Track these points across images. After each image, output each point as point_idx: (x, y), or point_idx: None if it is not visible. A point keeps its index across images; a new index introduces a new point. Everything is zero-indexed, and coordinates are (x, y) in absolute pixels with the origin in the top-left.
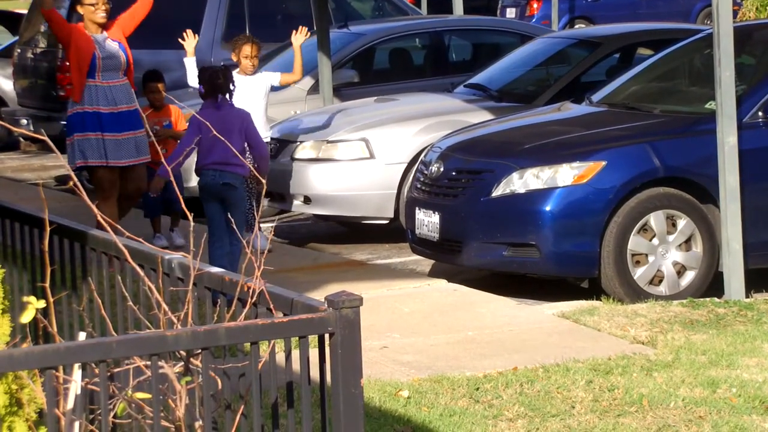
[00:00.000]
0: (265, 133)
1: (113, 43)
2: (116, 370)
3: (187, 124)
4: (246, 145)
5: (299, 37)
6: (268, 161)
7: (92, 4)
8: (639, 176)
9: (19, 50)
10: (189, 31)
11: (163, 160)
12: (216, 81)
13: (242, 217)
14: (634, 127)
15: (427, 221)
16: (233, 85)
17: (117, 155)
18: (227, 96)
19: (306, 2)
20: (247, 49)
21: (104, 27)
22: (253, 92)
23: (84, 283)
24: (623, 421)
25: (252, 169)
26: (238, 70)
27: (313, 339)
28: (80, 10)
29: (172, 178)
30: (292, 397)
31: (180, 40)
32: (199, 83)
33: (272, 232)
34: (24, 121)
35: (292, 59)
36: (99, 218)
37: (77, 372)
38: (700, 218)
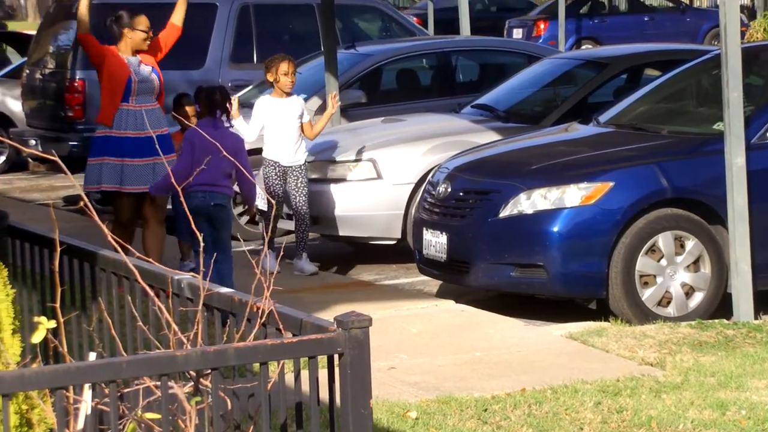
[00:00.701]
0: (302, 156)
1: (146, 66)
2: (126, 390)
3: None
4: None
5: (333, 105)
6: (254, 190)
7: (145, 31)
8: (647, 197)
9: (27, 71)
10: (234, 98)
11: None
12: (213, 97)
13: (229, 235)
14: (642, 148)
15: (435, 242)
16: (230, 104)
17: (133, 181)
18: (224, 115)
19: (313, 22)
20: (284, 67)
21: (137, 50)
22: (287, 114)
23: (94, 303)
24: None
25: (264, 190)
26: (271, 93)
27: (322, 359)
28: (128, 33)
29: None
30: (301, 418)
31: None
32: (195, 101)
33: (281, 253)
34: (32, 142)
35: (300, 81)
36: (110, 239)
37: (87, 392)
38: (708, 239)
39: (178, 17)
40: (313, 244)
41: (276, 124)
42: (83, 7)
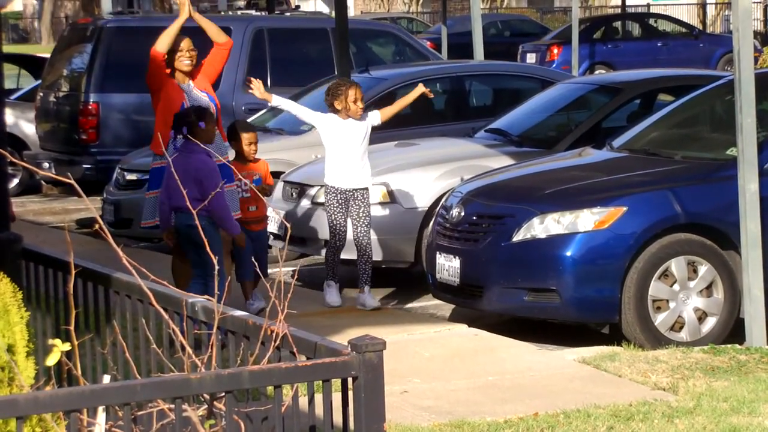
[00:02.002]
0: (367, 180)
1: (201, 93)
2: (140, 413)
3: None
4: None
5: (419, 90)
6: (224, 213)
7: (175, 51)
8: (660, 222)
9: (41, 94)
10: (254, 80)
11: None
12: (178, 119)
13: (217, 254)
14: (655, 173)
15: (448, 266)
16: (193, 124)
17: None
18: (191, 136)
19: (327, 46)
20: (353, 93)
21: (190, 75)
22: (354, 136)
23: (108, 326)
24: None
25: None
26: (338, 114)
27: (335, 383)
28: (167, 58)
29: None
30: None
31: (249, 91)
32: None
33: (295, 276)
34: (46, 165)
35: (314, 104)
36: (124, 261)
37: (101, 415)
38: (721, 264)
39: (214, 36)
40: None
41: (340, 145)
42: (174, 28)
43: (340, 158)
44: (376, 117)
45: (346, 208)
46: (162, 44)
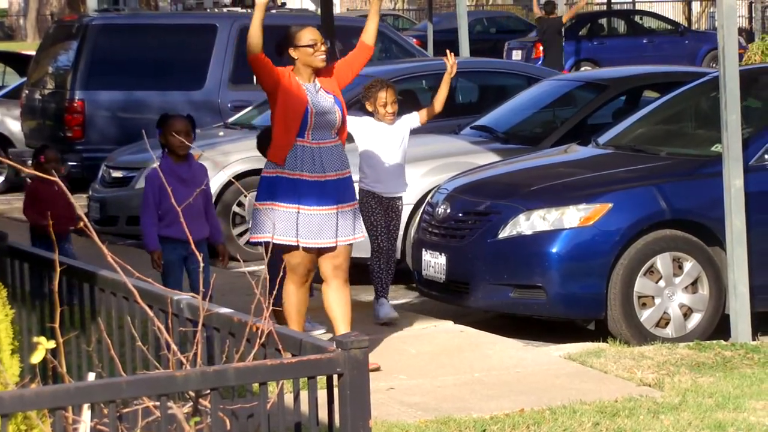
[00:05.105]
0: (403, 186)
1: (328, 95)
2: (125, 410)
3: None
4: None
5: (450, 66)
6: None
7: (311, 45)
8: (645, 218)
9: (27, 91)
10: None
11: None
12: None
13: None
14: (641, 170)
15: (434, 262)
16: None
17: (312, 234)
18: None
19: None
20: (383, 96)
21: (317, 74)
22: (389, 139)
23: (93, 324)
24: None
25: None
26: (372, 116)
27: (321, 380)
28: (293, 53)
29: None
30: None
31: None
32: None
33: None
34: (31, 162)
35: None
36: (110, 259)
37: (86, 412)
38: (706, 260)
39: (369, 36)
40: None
41: (375, 150)
42: (255, 26)
43: (376, 164)
44: (414, 119)
45: (383, 211)
46: (255, 47)
